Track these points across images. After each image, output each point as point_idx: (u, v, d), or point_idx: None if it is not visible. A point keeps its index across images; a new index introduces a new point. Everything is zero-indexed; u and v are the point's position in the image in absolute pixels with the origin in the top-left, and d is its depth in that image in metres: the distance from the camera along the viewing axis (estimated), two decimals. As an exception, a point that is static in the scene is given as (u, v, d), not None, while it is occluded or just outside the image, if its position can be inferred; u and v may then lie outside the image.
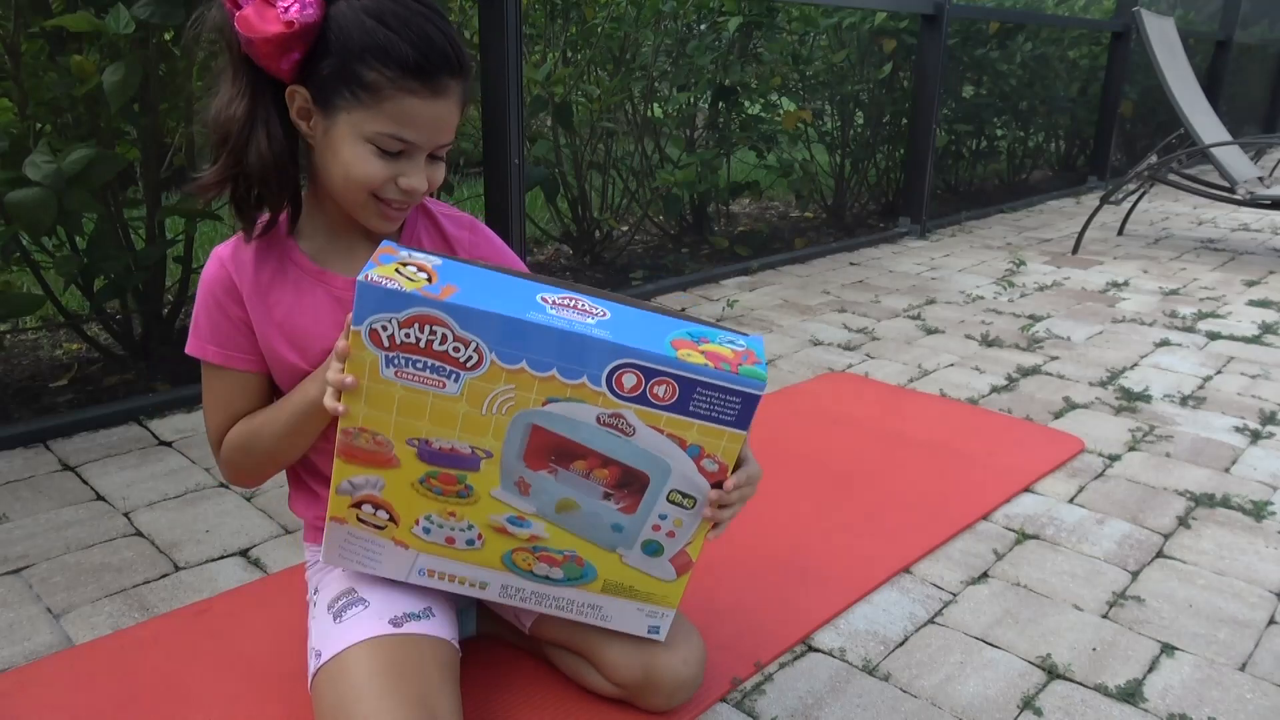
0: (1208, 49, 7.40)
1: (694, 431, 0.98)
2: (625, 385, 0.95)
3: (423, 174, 1.04)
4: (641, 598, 1.12)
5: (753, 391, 0.95)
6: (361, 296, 0.92)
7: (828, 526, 1.71)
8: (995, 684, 1.31)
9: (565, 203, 3.71)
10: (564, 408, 0.96)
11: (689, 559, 1.09)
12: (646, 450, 0.99)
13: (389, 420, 0.98)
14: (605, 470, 1.01)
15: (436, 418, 0.98)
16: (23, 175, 1.92)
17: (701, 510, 1.04)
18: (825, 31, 4.39)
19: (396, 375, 0.95)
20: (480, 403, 0.97)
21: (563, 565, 1.09)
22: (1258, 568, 1.63)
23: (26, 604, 1.46)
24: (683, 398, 0.95)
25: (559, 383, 0.95)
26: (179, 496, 1.80)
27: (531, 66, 3.23)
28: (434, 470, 1.02)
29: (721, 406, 0.96)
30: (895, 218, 4.65)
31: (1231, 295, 3.49)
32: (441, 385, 0.96)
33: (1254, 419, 2.29)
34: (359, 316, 0.93)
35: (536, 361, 0.94)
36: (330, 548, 1.10)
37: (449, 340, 0.93)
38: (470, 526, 1.06)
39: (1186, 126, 4.40)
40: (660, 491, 1.02)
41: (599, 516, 1.04)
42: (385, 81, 0.97)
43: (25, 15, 2.11)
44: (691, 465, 1.00)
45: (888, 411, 2.27)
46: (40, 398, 2.25)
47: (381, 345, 0.94)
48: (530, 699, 1.25)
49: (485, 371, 0.95)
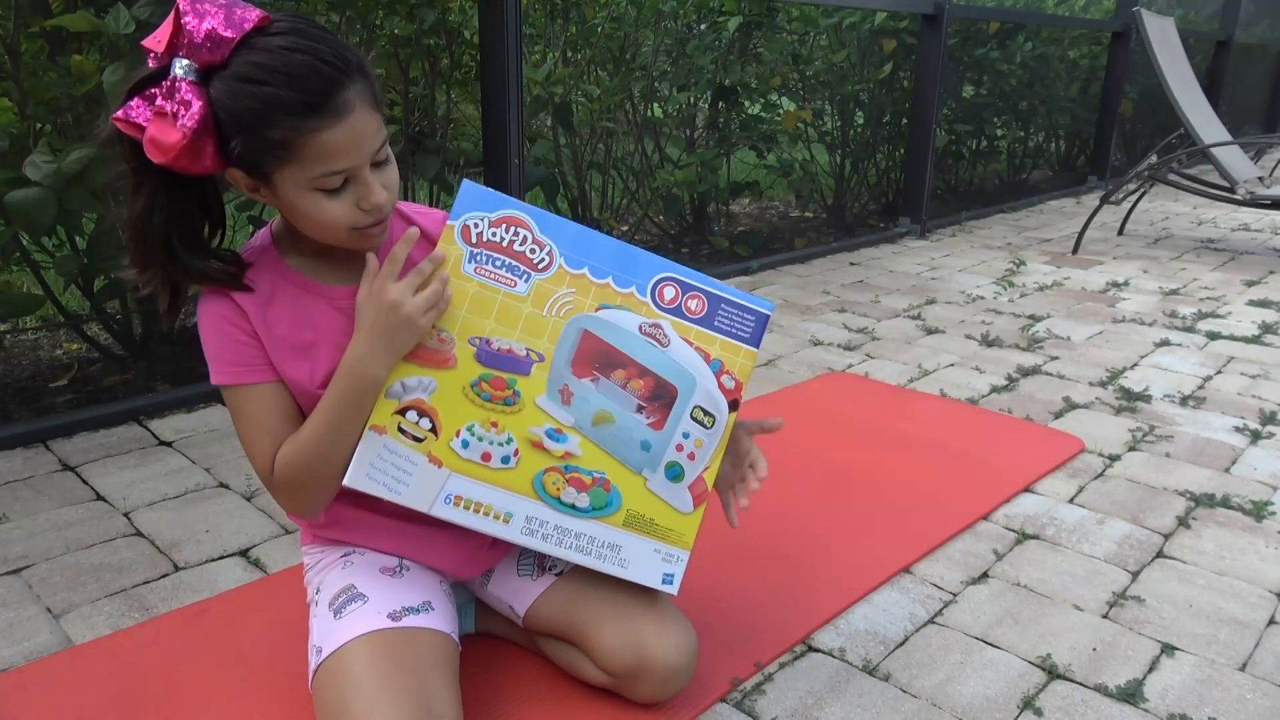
0: (1208, 49, 7.41)
1: (717, 346, 1.16)
2: (665, 297, 1.14)
3: (376, 187, 1.03)
4: (660, 534, 1.17)
5: (764, 310, 1.17)
6: (464, 194, 1.08)
7: (828, 526, 1.71)
8: (995, 684, 1.31)
9: (565, 203, 3.71)
10: (613, 315, 1.13)
11: (705, 487, 1.17)
12: (677, 362, 1.14)
13: (457, 316, 1.09)
14: (640, 381, 1.14)
15: (502, 316, 1.10)
16: (23, 175, 1.92)
17: (719, 431, 1.16)
18: (825, 31, 4.39)
19: (476, 271, 1.09)
20: (544, 303, 1.11)
21: (590, 491, 1.14)
22: (1258, 568, 1.63)
23: (26, 604, 1.46)
24: (710, 313, 1.15)
25: (612, 290, 1.13)
26: (179, 496, 1.80)
27: (531, 66, 3.23)
28: (487, 373, 1.10)
29: (740, 323, 1.16)
30: (895, 218, 4.65)
31: (1231, 295, 3.49)
32: (513, 284, 1.10)
33: (1254, 419, 2.29)
34: (457, 212, 1.08)
35: (597, 268, 1.12)
36: (359, 464, 1.07)
37: (528, 241, 1.10)
38: (509, 440, 1.11)
39: (1186, 126, 4.40)
40: (686, 406, 1.15)
41: (631, 431, 1.14)
42: (290, 132, 0.96)
43: (25, 15, 2.11)
44: (713, 380, 1.15)
45: (888, 411, 2.27)
46: (40, 398, 2.25)
47: (470, 241, 1.08)
48: (530, 696, 1.25)
49: (553, 274, 1.11)
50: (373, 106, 1.01)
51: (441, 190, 3.04)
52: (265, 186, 1.02)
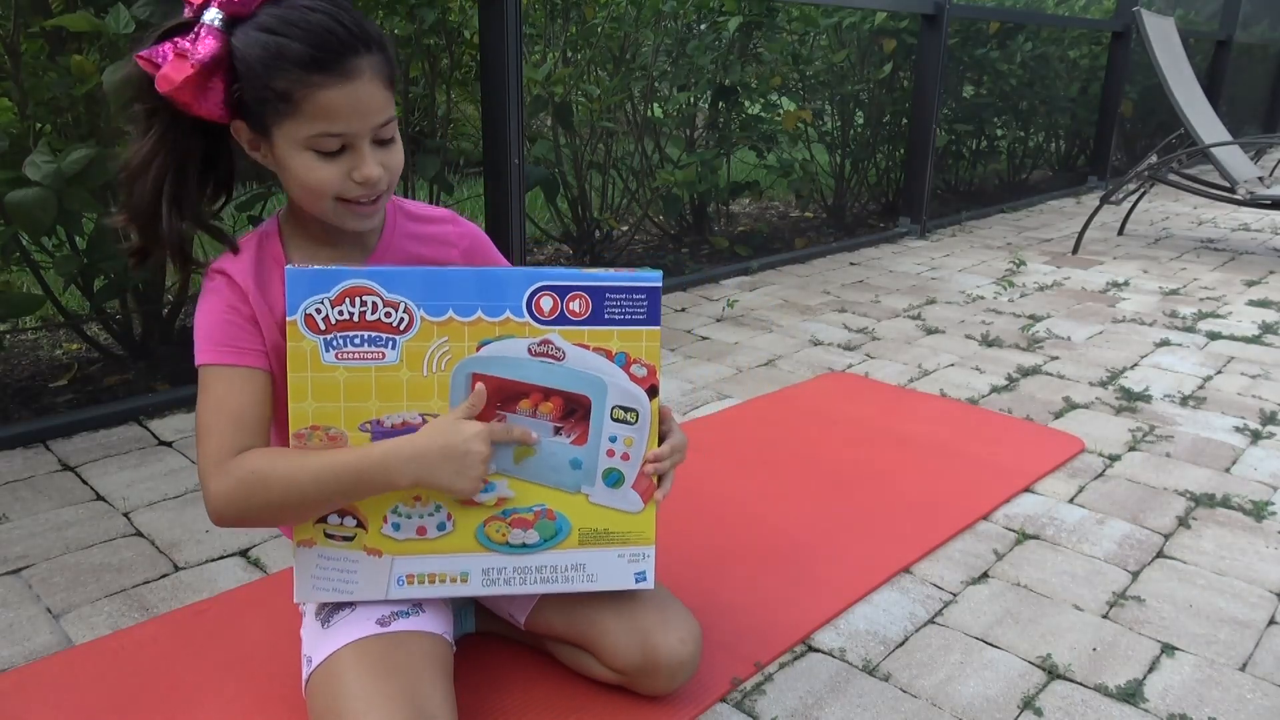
0: (1208, 49, 7.40)
1: (615, 339, 1.08)
2: (544, 308, 1.05)
3: (372, 161, 1.04)
4: (618, 540, 1.14)
5: (653, 284, 1.08)
6: (293, 284, 1.00)
7: (828, 526, 1.71)
8: (995, 684, 1.31)
9: (565, 203, 3.71)
10: (496, 347, 1.05)
11: (650, 483, 1.14)
12: (580, 371, 1.08)
13: (338, 409, 1.03)
14: (549, 403, 1.08)
15: (383, 392, 1.04)
16: (23, 175, 1.92)
17: (645, 424, 1.11)
18: (825, 31, 4.39)
19: (337, 357, 1.02)
20: (420, 363, 1.04)
21: (536, 525, 1.12)
22: (1258, 568, 1.63)
23: (26, 604, 1.45)
24: (596, 308, 1.06)
25: (485, 323, 1.04)
26: (179, 496, 1.79)
27: (531, 66, 3.23)
28: None
29: (632, 306, 1.07)
30: (895, 217, 4.65)
31: (1232, 295, 3.49)
32: (381, 356, 1.03)
33: (1254, 419, 2.29)
34: (293, 305, 1.00)
35: (461, 307, 1.03)
36: (302, 580, 1.09)
37: (379, 307, 1.02)
38: (438, 508, 1.09)
39: (1186, 126, 4.40)
40: (603, 411, 1.10)
41: (556, 456, 1.10)
42: (294, 84, 0.98)
43: (25, 15, 2.11)
44: (623, 375, 1.09)
45: (888, 411, 2.27)
46: (40, 398, 2.25)
47: (318, 330, 1.01)
48: (530, 696, 1.24)
49: (418, 330, 1.03)
50: (384, 84, 1.03)
51: (442, 190, 3.04)
52: (265, 143, 1.04)
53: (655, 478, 1.14)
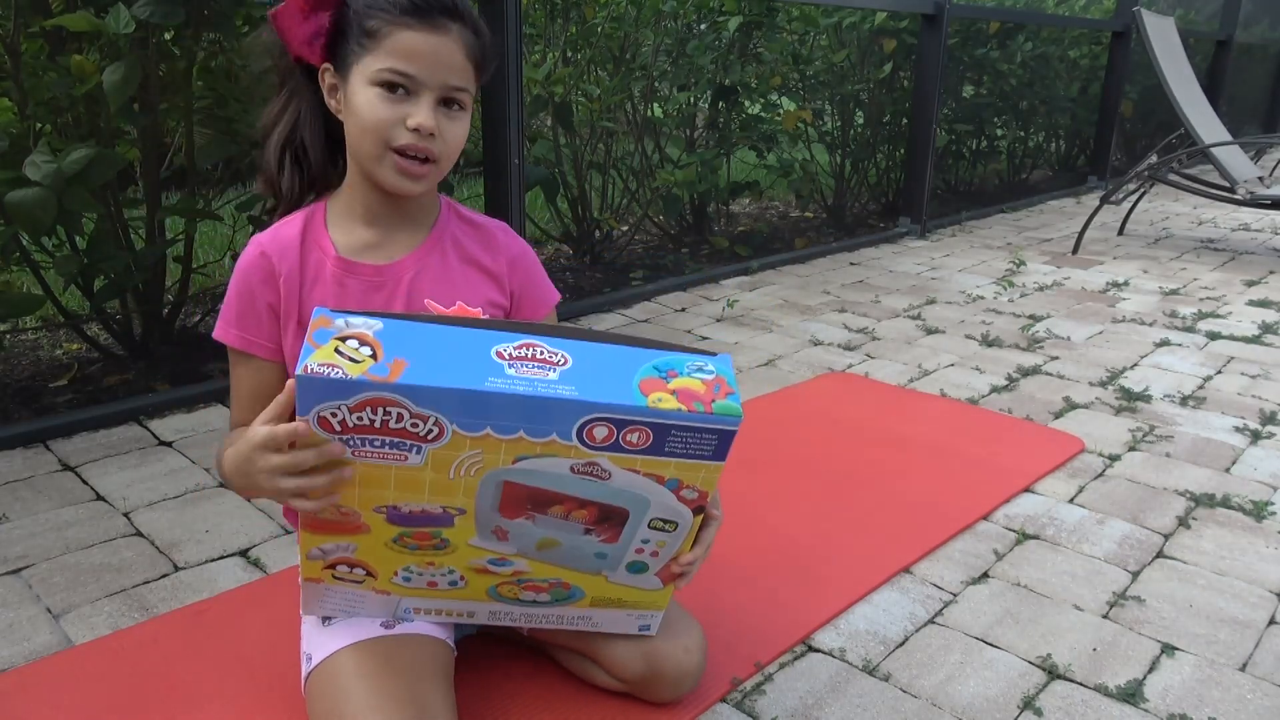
0: (1208, 49, 7.40)
1: (671, 469, 0.94)
2: (597, 437, 0.90)
3: (430, 113, 1.05)
4: (630, 606, 1.13)
5: (729, 428, 0.91)
6: (303, 390, 0.85)
7: (828, 526, 1.71)
8: (995, 684, 1.31)
9: (565, 203, 3.71)
10: (535, 463, 0.92)
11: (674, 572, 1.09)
12: (624, 489, 0.95)
13: (353, 494, 0.94)
14: (583, 511, 0.97)
15: (402, 487, 0.93)
16: (23, 175, 1.92)
17: (684, 532, 1.02)
18: (825, 31, 4.39)
19: (354, 454, 0.90)
20: (446, 469, 0.92)
21: (549, 591, 1.09)
22: (1258, 568, 1.63)
23: (26, 604, 1.45)
24: (657, 441, 0.91)
25: (527, 442, 0.90)
26: (179, 496, 1.79)
27: (531, 66, 3.23)
28: (406, 530, 0.98)
29: (698, 445, 0.92)
30: (895, 217, 4.65)
31: (1231, 295, 3.49)
32: (404, 459, 0.90)
33: (1254, 419, 2.29)
34: (303, 407, 0.86)
35: (501, 427, 0.88)
36: (309, 601, 1.08)
37: (405, 419, 0.87)
38: (451, 570, 1.05)
39: (1186, 126, 4.40)
40: (641, 522, 1.00)
41: (581, 549, 1.02)
42: (383, 23, 1.03)
43: (25, 15, 2.11)
44: (671, 496, 0.97)
45: (888, 411, 2.27)
46: (40, 398, 2.25)
47: (333, 430, 0.88)
48: (530, 696, 1.24)
49: (448, 441, 0.89)
50: (468, 55, 1.06)
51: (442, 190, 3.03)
52: (342, 85, 1.08)
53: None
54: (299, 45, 1.08)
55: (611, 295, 3.23)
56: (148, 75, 2.17)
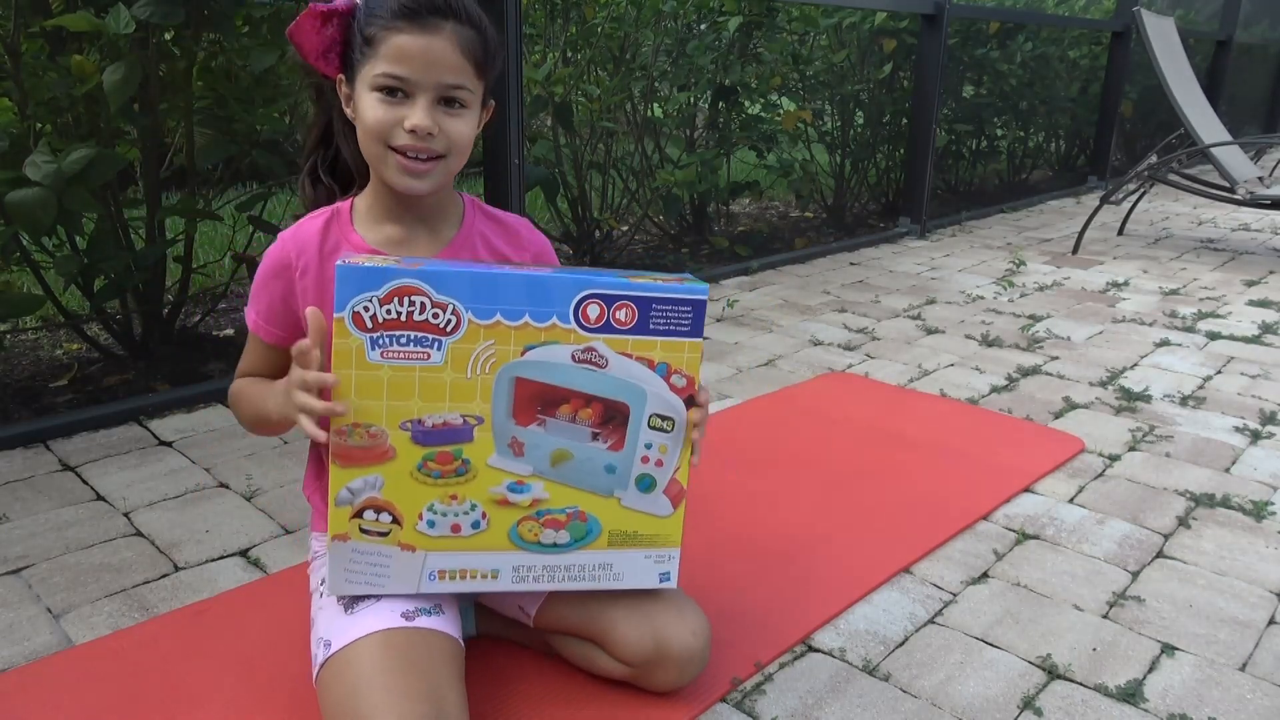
0: (1208, 49, 7.40)
1: (658, 349, 1.09)
2: (590, 316, 1.06)
3: (425, 114, 1.08)
4: (646, 542, 1.16)
5: (700, 297, 1.09)
6: (343, 280, 1.00)
7: (828, 526, 1.71)
8: (995, 684, 1.31)
9: (565, 203, 3.71)
10: (541, 353, 1.06)
11: (680, 487, 1.15)
12: (621, 379, 1.09)
13: (380, 407, 1.04)
14: (589, 410, 1.10)
15: (426, 392, 1.05)
16: (23, 175, 1.92)
17: (681, 432, 1.13)
18: (825, 31, 4.39)
19: (383, 356, 1.03)
20: (464, 365, 1.05)
21: (568, 526, 1.13)
22: (1258, 568, 1.63)
23: (26, 604, 1.46)
24: (642, 318, 1.07)
25: (532, 328, 1.05)
26: (179, 496, 1.80)
27: (531, 66, 3.23)
28: (430, 451, 1.07)
29: (677, 318, 1.08)
30: (895, 217, 4.65)
31: (1231, 295, 3.49)
32: (426, 356, 1.03)
33: (1254, 419, 2.29)
34: (341, 302, 1.00)
35: (509, 311, 1.04)
36: (335, 573, 1.10)
37: (427, 308, 1.02)
38: (473, 507, 1.10)
39: (1186, 126, 4.40)
40: (641, 419, 1.11)
41: (592, 461, 1.12)
42: (378, 29, 1.07)
43: (25, 15, 2.11)
44: (663, 384, 1.10)
45: (888, 411, 2.27)
46: (40, 398, 2.25)
47: (365, 328, 1.01)
48: (534, 696, 1.24)
49: (464, 333, 1.04)
50: (464, 53, 1.09)
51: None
52: (352, 94, 1.12)
53: (684, 482, 1.15)
54: (314, 59, 1.13)
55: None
56: (148, 75, 2.17)
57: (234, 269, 2.73)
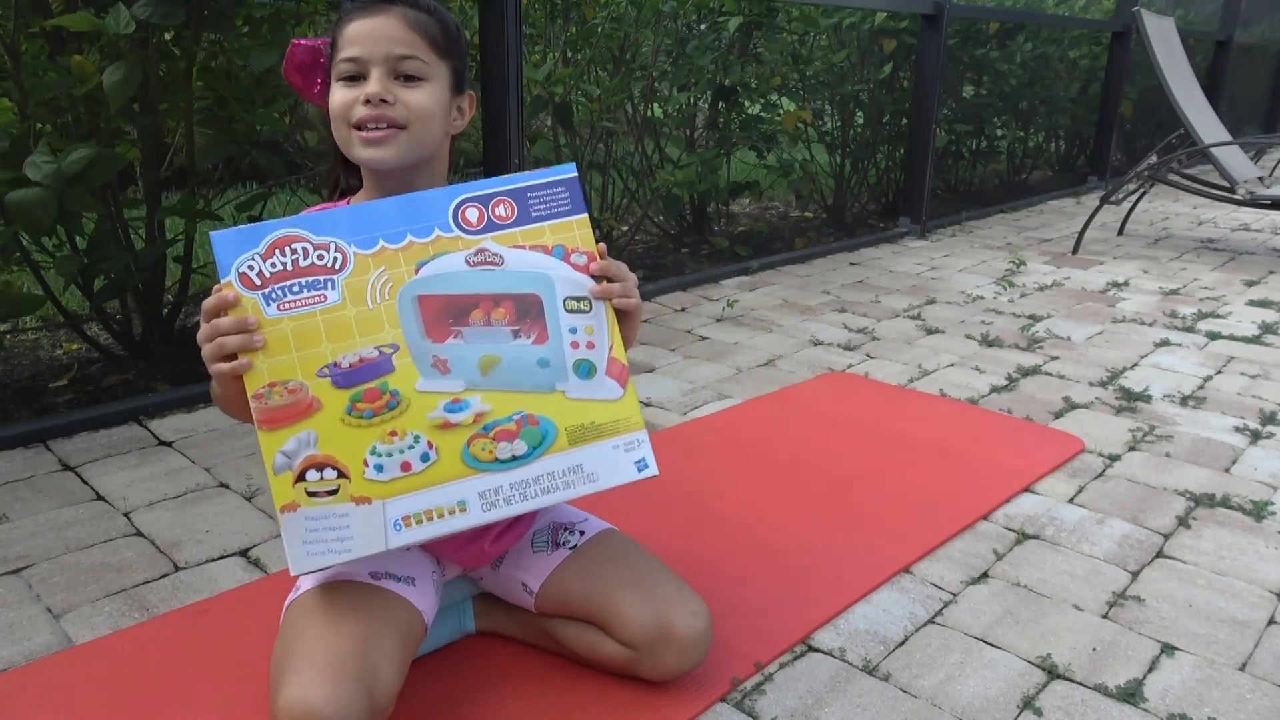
0: (1208, 49, 7.40)
1: (548, 234, 1.11)
2: (471, 219, 1.08)
3: (378, 83, 1.12)
4: (608, 431, 1.11)
5: (570, 175, 1.11)
6: (220, 247, 1.02)
7: (828, 526, 1.71)
8: (995, 684, 1.31)
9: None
10: (434, 265, 1.07)
11: (622, 365, 1.13)
12: (522, 271, 1.09)
13: (291, 360, 1.03)
14: (500, 309, 1.09)
15: (333, 333, 1.04)
16: (23, 175, 1.92)
17: (601, 309, 1.12)
18: (825, 31, 4.39)
19: (279, 309, 1.03)
20: (363, 297, 1.05)
21: (521, 433, 1.09)
22: (1258, 568, 1.63)
23: (26, 604, 1.46)
24: (521, 209, 1.10)
25: (418, 245, 1.06)
26: (179, 496, 1.80)
27: (531, 66, 3.23)
28: (355, 392, 1.05)
29: (554, 200, 1.11)
30: (895, 218, 4.65)
31: (1231, 295, 3.49)
32: (323, 299, 1.04)
33: (1254, 419, 2.29)
34: (224, 267, 1.02)
35: (390, 235, 1.06)
36: (295, 552, 1.03)
37: (310, 252, 1.04)
38: (417, 439, 1.05)
39: (1186, 126, 4.40)
40: (556, 305, 1.11)
41: (521, 359, 1.10)
42: (339, 29, 1.14)
43: (25, 15, 2.11)
44: (565, 266, 1.11)
45: (888, 411, 2.27)
46: (40, 398, 2.25)
47: (254, 285, 1.02)
48: (533, 694, 1.24)
49: (353, 267, 1.05)
50: (416, 29, 1.12)
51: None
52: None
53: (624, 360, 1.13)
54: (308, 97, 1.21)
55: (611, 295, 3.23)
56: (148, 75, 2.17)
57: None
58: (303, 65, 1.19)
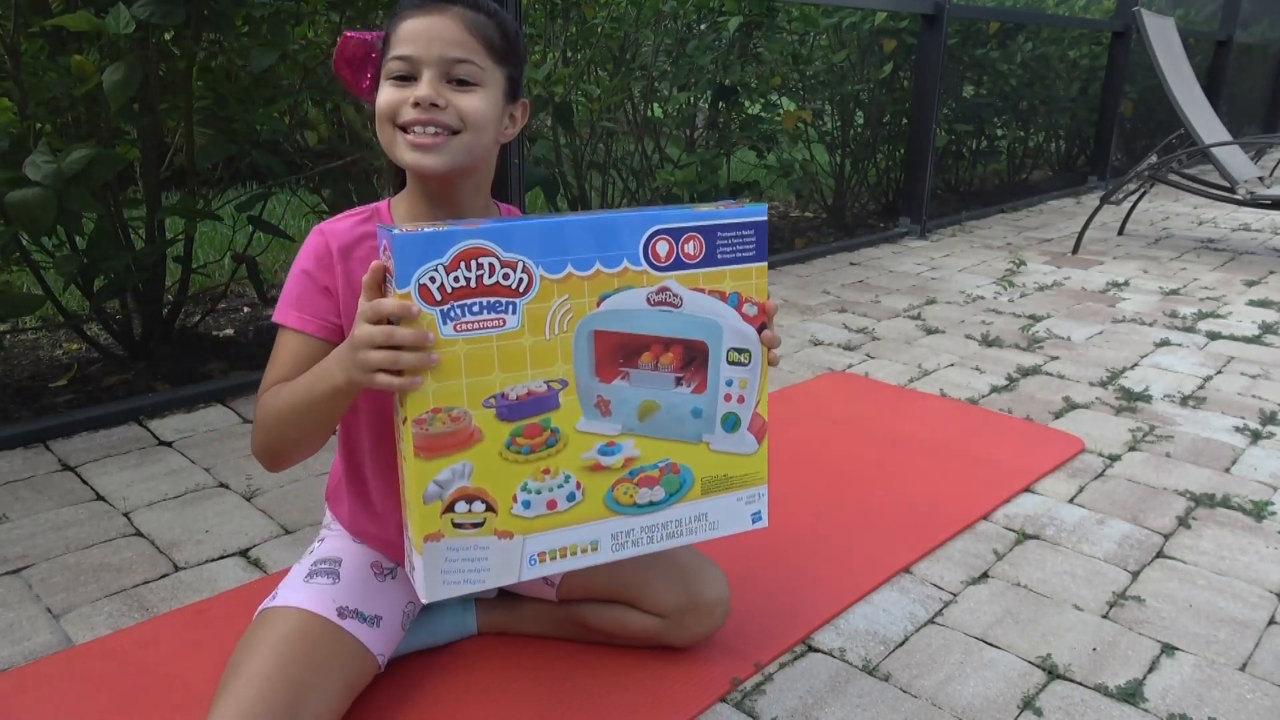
0: (1208, 49, 7.40)
1: (727, 279, 1.07)
2: (660, 254, 1.03)
3: (429, 86, 1.06)
4: (737, 484, 1.15)
5: (761, 218, 1.07)
6: (402, 251, 0.91)
7: (828, 526, 1.71)
8: (995, 684, 1.31)
9: (565, 203, 3.71)
10: (616, 300, 1.02)
11: (763, 421, 1.14)
12: (697, 316, 1.07)
13: (460, 386, 0.97)
14: (669, 354, 1.07)
15: (506, 362, 0.99)
16: (23, 175, 1.92)
17: (758, 364, 1.11)
18: (825, 31, 4.39)
19: (456, 329, 0.95)
20: (542, 326, 1.00)
21: (662, 481, 1.10)
22: (1258, 568, 1.63)
23: (26, 604, 1.46)
24: (709, 249, 1.05)
25: (604, 275, 1.01)
26: (179, 496, 1.79)
27: (531, 66, 3.23)
28: (517, 427, 1.01)
29: (741, 244, 1.07)
30: (895, 217, 4.65)
31: (1231, 295, 3.49)
32: (502, 323, 0.97)
33: (1254, 419, 2.29)
34: (404, 276, 0.92)
35: (580, 260, 1.00)
36: (430, 580, 1.01)
37: (497, 269, 0.96)
38: (567, 478, 1.05)
39: (1186, 126, 4.40)
40: (720, 356, 1.09)
41: (678, 408, 1.09)
42: (392, 26, 1.09)
43: (25, 15, 2.11)
44: (735, 315, 1.09)
45: (888, 411, 2.27)
46: (40, 398, 2.25)
47: (434, 300, 0.94)
48: (531, 697, 1.24)
49: (538, 291, 0.98)
50: (473, 31, 1.08)
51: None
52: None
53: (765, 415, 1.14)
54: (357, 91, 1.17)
55: (611, 295, 3.23)
56: (148, 75, 2.17)
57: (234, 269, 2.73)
58: (352, 59, 1.15)
